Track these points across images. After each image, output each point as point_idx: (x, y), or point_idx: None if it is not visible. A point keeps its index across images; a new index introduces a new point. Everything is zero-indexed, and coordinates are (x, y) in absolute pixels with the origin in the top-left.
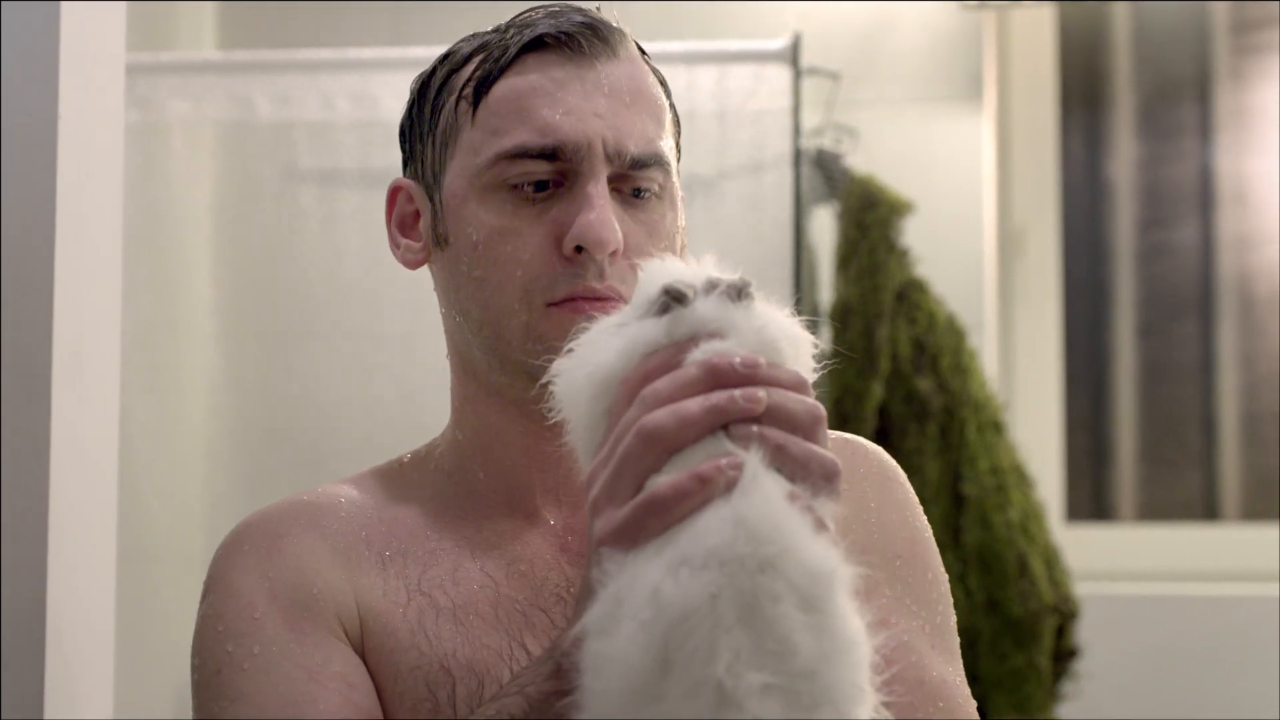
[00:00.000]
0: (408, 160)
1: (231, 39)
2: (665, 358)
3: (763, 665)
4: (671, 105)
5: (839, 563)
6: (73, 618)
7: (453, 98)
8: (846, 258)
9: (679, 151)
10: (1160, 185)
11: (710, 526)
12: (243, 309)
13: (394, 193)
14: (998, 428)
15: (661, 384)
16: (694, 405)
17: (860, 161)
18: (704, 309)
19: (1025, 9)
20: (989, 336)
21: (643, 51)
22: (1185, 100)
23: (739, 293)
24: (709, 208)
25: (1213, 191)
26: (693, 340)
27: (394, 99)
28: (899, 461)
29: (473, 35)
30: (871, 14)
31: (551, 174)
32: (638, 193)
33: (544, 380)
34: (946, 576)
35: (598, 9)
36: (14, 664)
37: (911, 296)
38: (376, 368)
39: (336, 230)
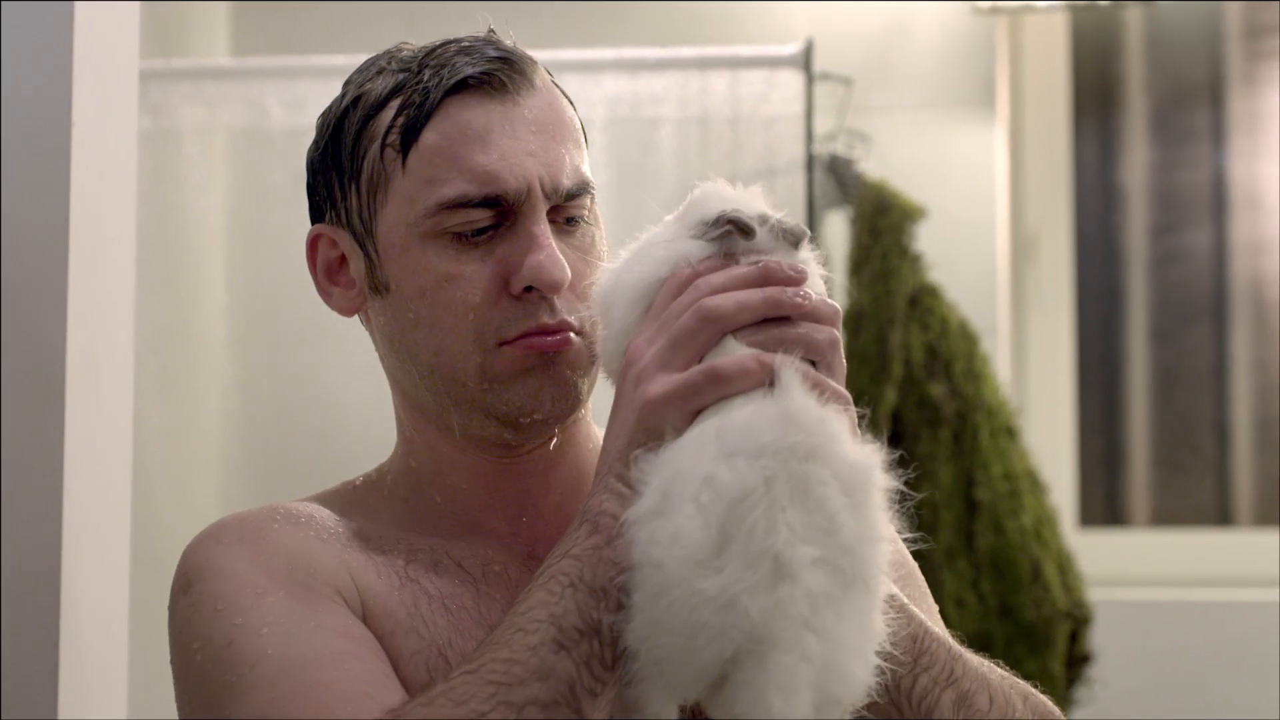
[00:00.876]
0: (324, 205)
1: (244, 45)
2: (715, 265)
3: (812, 540)
4: (580, 121)
5: (876, 461)
6: (87, 623)
7: (375, 145)
8: (859, 263)
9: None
10: (1173, 190)
11: (760, 422)
12: (255, 315)
13: (314, 240)
14: (1011, 433)
15: (716, 277)
16: (754, 294)
17: (873, 167)
18: (760, 243)
19: (1038, 14)
20: (1002, 342)
21: (548, 71)
22: (1198, 105)
23: (796, 241)
24: None
25: (1225, 196)
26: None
27: None
28: (912, 467)
29: (376, 68)
30: (884, 19)
31: (492, 219)
32: (571, 220)
33: (515, 417)
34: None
35: (511, 38)
36: (28, 670)
37: (924, 302)
38: None
39: None
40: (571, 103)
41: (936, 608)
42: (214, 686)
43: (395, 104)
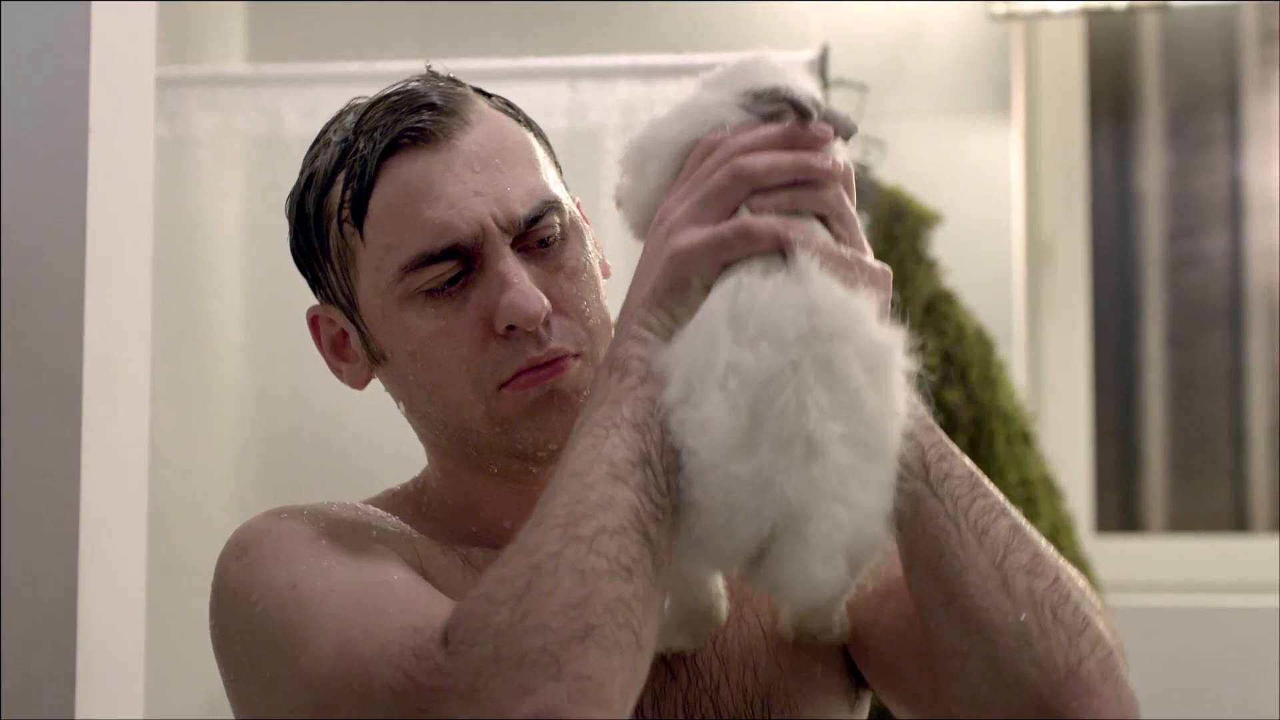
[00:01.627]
0: (314, 286)
1: (260, 52)
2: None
3: (838, 416)
4: (532, 127)
5: (897, 339)
6: (103, 628)
7: (333, 223)
8: None
9: (558, 165)
10: (1189, 196)
11: (783, 306)
12: (271, 322)
13: (314, 321)
14: (1026, 439)
15: (746, 137)
16: (784, 157)
17: (888, 173)
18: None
19: (1053, 19)
20: (1018, 348)
21: (482, 93)
22: (1214, 111)
23: (847, 134)
24: None
25: (1242, 202)
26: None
27: None
28: None
29: (323, 141)
30: (899, 25)
31: (458, 268)
32: (544, 242)
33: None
34: None
35: (447, 71)
36: (46, 674)
37: (940, 308)
38: None
39: None
40: (522, 117)
41: None
42: (280, 629)
43: (340, 178)
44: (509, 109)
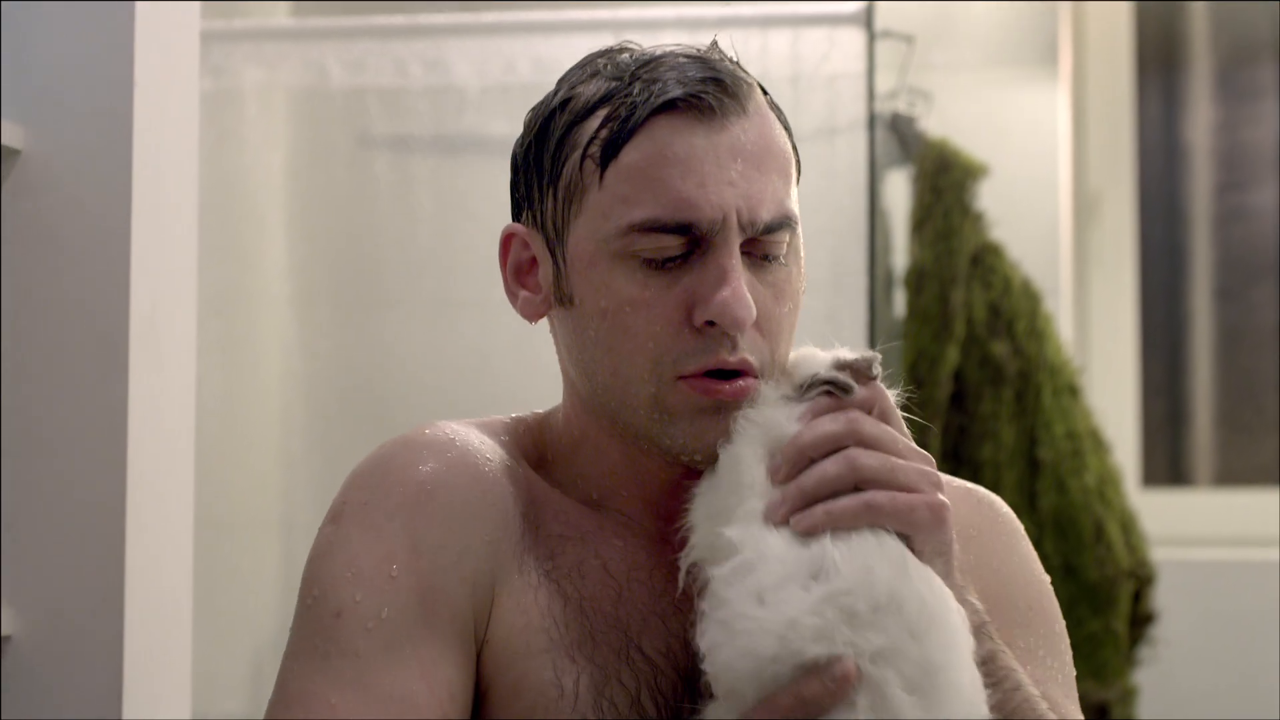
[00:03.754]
0: (522, 203)
1: (304, 6)
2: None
3: None
4: (794, 146)
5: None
6: (151, 584)
7: (577, 153)
8: (921, 221)
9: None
10: (1237, 148)
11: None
12: (316, 276)
13: (508, 239)
14: (1073, 392)
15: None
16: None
17: (934, 125)
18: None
19: None
20: (1064, 301)
21: (764, 90)
22: (1262, 62)
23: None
24: None
25: None
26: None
27: (466, 64)
28: (973, 425)
29: (591, 69)
30: None
31: (683, 247)
32: (767, 256)
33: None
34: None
35: (735, 54)
36: (94, 631)
37: (986, 260)
38: (450, 334)
39: (410, 196)
40: (788, 129)
41: (1067, 636)
42: (307, 638)
43: (601, 114)
44: (779, 114)
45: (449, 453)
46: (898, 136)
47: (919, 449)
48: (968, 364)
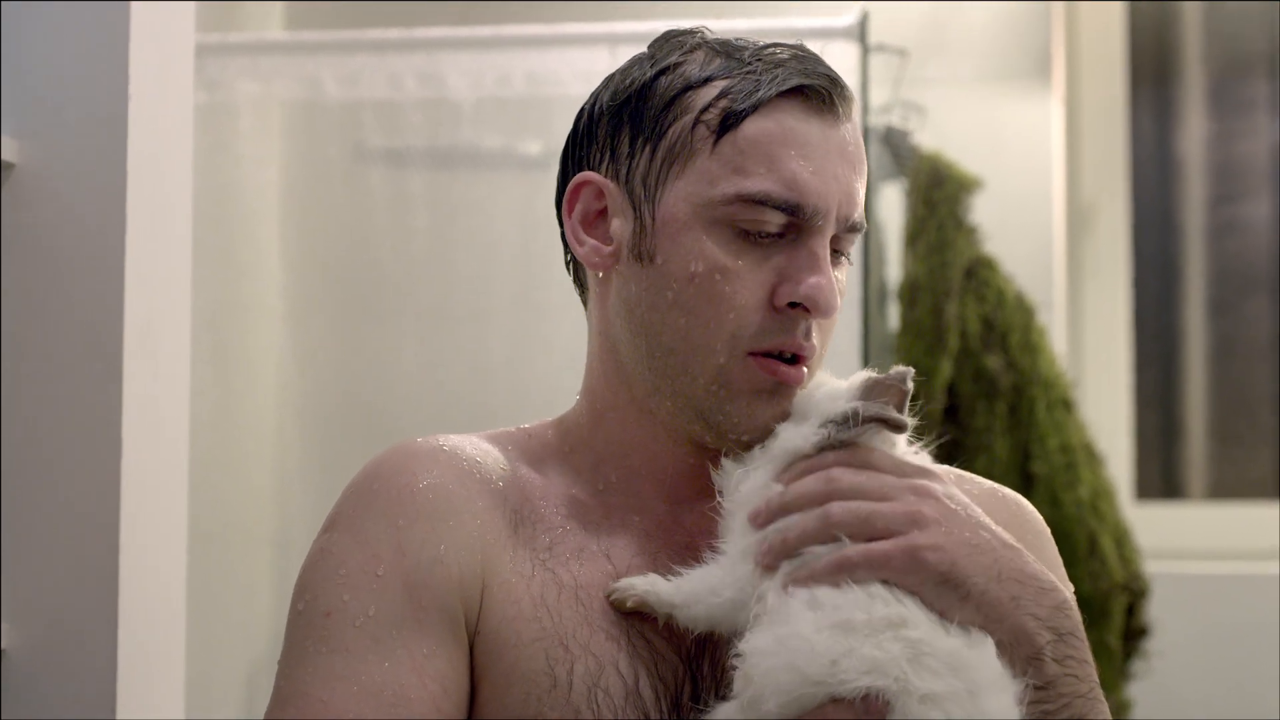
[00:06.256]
0: (601, 154)
1: (299, 20)
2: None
3: None
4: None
5: None
6: (145, 597)
7: (688, 116)
8: (915, 235)
9: None
10: (1231, 161)
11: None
12: (311, 289)
13: (578, 187)
14: (1067, 405)
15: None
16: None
17: (928, 138)
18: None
19: None
20: (1058, 314)
21: None
22: (1255, 76)
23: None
24: None
25: None
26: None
27: (461, 78)
28: (966, 439)
29: (685, 45)
30: None
31: (782, 226)
32: (838, 252)
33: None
34: None
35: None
36: (90, 644)
37: (980, 274)
38: (445, 346)
39: (404, 209)
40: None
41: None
42: (299, 641)
43: (720, 85)
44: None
45: (437, 458)
46: (891, 150)
47: (919, 466)
48: (961, 377)
